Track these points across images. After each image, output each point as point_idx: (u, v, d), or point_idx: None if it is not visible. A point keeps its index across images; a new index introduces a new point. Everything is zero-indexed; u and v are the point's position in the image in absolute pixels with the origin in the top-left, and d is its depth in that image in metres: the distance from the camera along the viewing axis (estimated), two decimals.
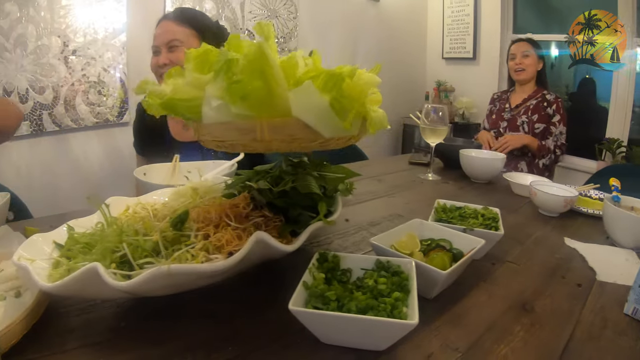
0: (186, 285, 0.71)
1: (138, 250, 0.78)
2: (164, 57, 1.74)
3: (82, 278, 0.69)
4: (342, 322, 0.62)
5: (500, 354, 0.68)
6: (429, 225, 1.00)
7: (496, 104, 3.12)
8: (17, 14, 2.83)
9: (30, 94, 2.92)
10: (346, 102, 0.70)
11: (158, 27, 1.80)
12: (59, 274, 0.76)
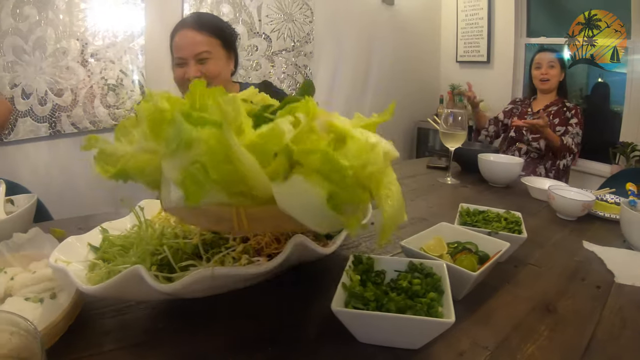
0: (226, 287, 0.74)
1: (178, 253, 0.81)
2: (193, 69, 1.71)
3: (125, 280, 0.71)
4: (382, 321, 0.66)
5: (527, 352, 0.72)
6: (455, 228, 1.04)
7: (518, 107, 3.17)
8: (36, 17, 2.89)
9: (49, 96, 2.97)
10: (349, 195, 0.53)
11: (179, 36, 1.76)
12: (99, 277, 0.80)
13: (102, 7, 3.14)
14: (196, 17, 1.89)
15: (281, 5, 3.86)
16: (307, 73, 4.11)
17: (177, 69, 1.76)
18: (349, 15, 4.33)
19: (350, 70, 4.46)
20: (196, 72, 1.71)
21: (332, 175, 0.51)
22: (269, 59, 3.90)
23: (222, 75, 1.79)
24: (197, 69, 1.71)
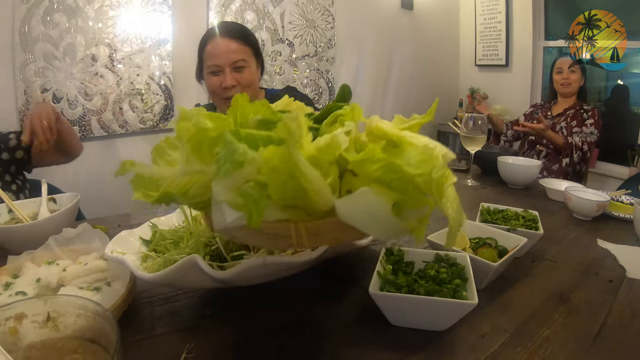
0: (273, 275, 0.80)
1: (229, 244, 0.90)
2: (230, 77, 1.72)
3: (182, 268, 0.79)
4: (414, 303, 0.75)
5: (543, 335, 0.80)
6: (476, 225, 1.13)
7: (538, 110, 3.24)
8: (66, 24, 3.02)
9: (79, 100, 3.10)
10: (414, 202, 0.54)
11: (213, 44, 1.76)
12: (155, 266, 0.89)
13: (130, 14, 3.26)
14: (227, 26, 1.90)
15: (303, 12, 3.95)
16: (329, 78, 4.19)
17: (212, 77, 1.77)
18: (369, 21, 4.39)
19: (371, 75, 4.52)
20: (232, 81, 1.72)
21: (395, 184, 0.51)
22: (292, 64, 3.99)
23: (254, 85, 1.83)
24: (233, 77, 1.73)
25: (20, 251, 1.06)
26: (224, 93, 1.75)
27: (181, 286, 0.96)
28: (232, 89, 1.73)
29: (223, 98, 1.77)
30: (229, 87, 1.73)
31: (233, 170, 0.47)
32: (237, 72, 1.75)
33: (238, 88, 1.73)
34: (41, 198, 1.50)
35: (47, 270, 0.98)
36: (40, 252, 1.07)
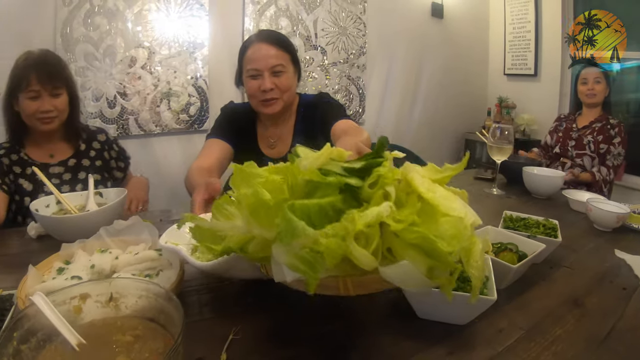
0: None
1: None
2: (269, 81, 1.78)
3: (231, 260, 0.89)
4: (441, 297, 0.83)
5: (555, 334, 0.89)
6: (499, 231, 1.21)
7: (563, 123, 3.25)
8: (107, 27, 3.16)
9: (118, 99, 3.24)
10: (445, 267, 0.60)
11: (253, 49, 1.82)
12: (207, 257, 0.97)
13: (169, 18, 3.39)
14: (268, 33, 1.97)
15: (336, 20, 4.04)
16: (359, 85, 4.26)
17: (251, 81, 1.82)
18: (399, 29, 4.44)
19: (401, 82, 4.57)
20: (271, 85, 1.78)
21: (431, 253, 0.57)
22: (325, 70, 4.07)
23: (292, 89, 1.90)
24: (272, 81, 1.79)
25: (68, 240, 1.16)
26: (262, 96, 1.81)
27: (229, 276, 1.06)
28: (270, 92, 1.80)
29: (261, 101, 1.83)
30: (267, 90, 1.79)
31: (292, 240, 0.55)
32: (275, 76, 1.81)
33: (276, 92, 1.81)
34: (88, 192, 1.62)
35: (100, 257, 1.09)
36: (92, 241, 1.18)
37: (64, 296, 0.79)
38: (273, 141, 2.00)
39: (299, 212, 0.56)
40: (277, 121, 1.98)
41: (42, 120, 1.79)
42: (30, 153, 1.89)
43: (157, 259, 1.09)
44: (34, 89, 1.75)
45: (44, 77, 1.77)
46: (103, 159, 2.05)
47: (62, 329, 0.72)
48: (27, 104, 1.76)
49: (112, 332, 0.77)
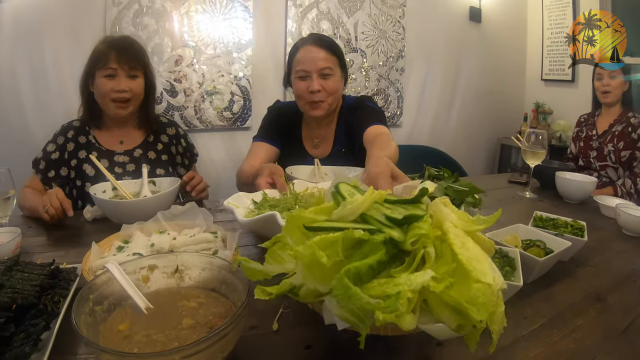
0: None
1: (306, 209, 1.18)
2: (316, 83, 1.88)
3: (264, 219, 1.14)
4: None
5: (577, 324, 0.97)
6: (528, 229, 1.30)
7: (583, 129, 3.11)
8: (155, 27, 3.32)
9: (164, 96, 3.41)
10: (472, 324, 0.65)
11: (303, 51, 1.93)
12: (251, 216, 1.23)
13: (214, 20, 3.53)
14: (318, 36, 2.05)
15: (376, 23, 4.12)
16: (398, 87, 4.33)
17: (300, 82, 1.93)
18: (438, 33, 4.48)
19: (438, 86, 4.61)
20: (319, 86, 1.88)
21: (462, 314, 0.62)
22: (364, 73, 4.16)
23: (338, 93, 1.99)
24: (319, 83, 1.89)
25: (123, 223, 1.29)
26: (309, 97, 1.92)
27: (263, 234, 1.24)
28: (317, 93, 1.90)
29: (308, 102, 1.94)
30: (314, 91, 1.89)
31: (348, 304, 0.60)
32: (323, 78, 1.91)
33: (323, 94, 1.91)
34: (142, 180, 1.75)
35: (159, 237, 1.22)
36: (150, 224, 1.31)
37: (134, 266, 0.92)
38: (317, 141, 2.10)
39: (352, 273, 0.61)
40: (321, 123, 2.08)
41: (116, 101, 1.84)
42: (99, 137, 1.95)
43: (213, 241, 1.22)
44: (111, 66, 1.80)
45: (123, 56, 1.82)
46: (169, 153, 2.09)
47: (132, 294, 0.83)
48: (103, 82, 1.81)
49: (176, 299, 0.89)
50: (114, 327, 0.80)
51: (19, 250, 1.29)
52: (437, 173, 1.37)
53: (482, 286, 0.62)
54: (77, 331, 0.68)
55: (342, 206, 0.74)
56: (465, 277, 0.63)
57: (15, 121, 3.04)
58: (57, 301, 0.92)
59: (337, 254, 0.64)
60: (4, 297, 0.86)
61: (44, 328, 0.82)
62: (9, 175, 1.42)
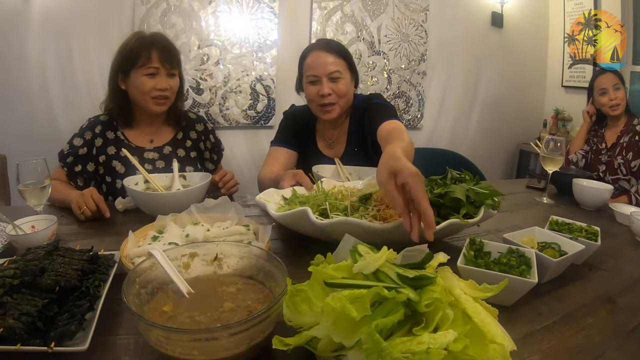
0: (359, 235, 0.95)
1: (334, 208, 1.30)
2: (326, 87, 1.94)
3: (296, 214, 1.23)
4: (488, 277, 1.00)
5: (587, 322, 1.03)
6: (544, 231, 1.36)
7: (590, 142, 3.08)
8: (182, 25, 3.44)
9: (190, 94, 3.51)
10: None
11: (312, 57, 2.00)
12: (282, 211, 1.32)
13: (241, 19, 3.64)
14: (326, 41, 2.15)
15: (398, 27, 4.19)
16: (419, 91, 4.40)
17: (310, 87, 2.00)
18: (459, 37, 4.54)
19: (459, 90, 4.66)
20: (329, 90, 1.95)
21: None
22: (386, 75, 4.23)
23: (348, 95, 2.05)
24: (329, 87, 1.95)
25: (154, 214, 1.36)
26: (320, 100, 1.98)
27: (295, 228, 1.35)
28: (328, 97, 1.96)
29: (319, 105, 2.01)
30: (325, 94, 1.95)
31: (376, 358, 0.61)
32: (332, 82, 1.97)
33: (333, 97, 1.98)
34: (172, 174, 1.82)
35: (193, 229, 1.30)
36: (183, 215, 1.38)
37: (176, 253, 1.00)
38: (331, 141, 2.18)
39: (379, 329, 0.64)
40: (334, 124, 2.16)
41: (157, 99, 1.88)
42: (128, 134, 2.00)
43: (245, 233, 1.28)
44: (154, 65, 1.84)
45: (164, 55, 1.86)
46: (198, 149, 2.14)
47: (175, 279, 0.91)
48: (144, 80, 1.84)
49: (216, 285, 0.96)
50: (157, 308, 0.87)
51: (55, 237, 1.35)
52: (458, 175, 1.44)
53: (497, 347, 0.67)
54: (129, 309, 0.75)
55: (362, 259, 0.78)
56: (481, 338, 0.69)
57: (43, 119, 3.18)
58: (98, 285, 0.98)
59: (365, 309, 0.66)
60: (48, 279, 0.92)
61: (88, 309, 0.88)
62: (45, 164, 1.48)
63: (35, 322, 0.82)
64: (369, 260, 0.77)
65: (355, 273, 0.78)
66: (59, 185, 1.83)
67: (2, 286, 0.89)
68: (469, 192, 1.29)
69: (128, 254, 1.15)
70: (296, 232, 1.42)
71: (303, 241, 1.42)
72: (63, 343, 0.80)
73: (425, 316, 0.70)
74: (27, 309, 0.83)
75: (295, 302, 0.77)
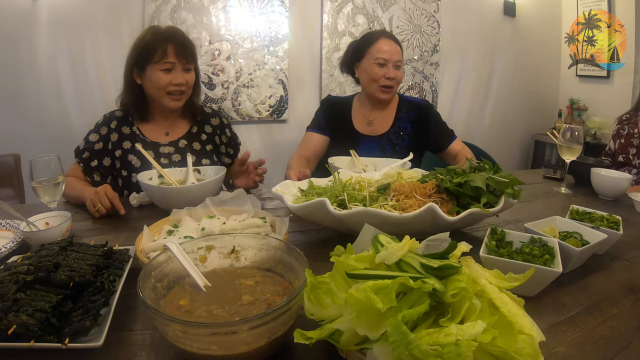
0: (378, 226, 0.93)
1: (352, 198, 1.29)
2: (392, 71, 2.21)
3: (315, 205, 1.21)
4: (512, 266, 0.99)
5: (612, 312, 1.01)
6: (565, 221, 1.34)
7: (625, 127, 3.03)
8: (192, 21, 3.43)
9: (202, 89, 3.47)
10: None
11: (383, 42, 2.24)
12: (299, 202, 1.29)
13: (251, 14, 3.62)
14: (389, 33, 2.42)
15: (410, 17, 4.15)
16: (432, 82, 4.36)
17: (377, 68, 2.23)
18: (472, 27, 4.49)
19: (472, 81, 4.62)
20: (393, 74, 2.21)
21: None
22: None
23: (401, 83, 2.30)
24: (394, 72, 2.21)
25: (169, 209, 1.36)
26: (384, 82, 2.22)
27: (312, 219, 1.34)
28: (392, 80, 2.22)
29: (381, 86, 2.24)
30: (391, 78, 2.22)
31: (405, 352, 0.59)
32: (396, 69, 2.24)
33: (394, 82, 2.25)
34: (187, 168, 1.81)
35: (209, 222, 1.29)
36: (199, 209, 1.38)
37: (192, 246, 0.99)
38: (371, 119, 2.36)
39: (406, 320, 0.62)
40: (379, 105, 2.37)
41: (173, 94, 1.88)
42: (143, 129, 2.00)
43: (262, 226, 1.28)
44: (170, 60, 1.83)
45: (180, 50, 1.85)
46: (214, 143, 2.13)
47: (192, 272, 0.90)
48: (159, 75, 1.84)
49: (233, 277, 0.96)
50: (174, 302, 0.86)
51: (69, 234, 1.35)
52: (478, 164, 1.42)
53: (526, 337, 0.65)
54: (146, 303, 0.74)
55: (385, 249, 0.77)
56: (509, 329, 0.67)
57: (56, 120, 3.19)
58: (113, 280, 0.98)
59: (391, 300, 0.64)
60: (62, 275, 0.92)
61: (103, 304, 0.87)
62: (58, 161, 1.48)
63: (49, 318, 0.81)
64: (392, 250, 0.76)
65: (377, 263, 0.77)
66: (75, 182, 1.84)
67: (16, 282, 0.89)
68: (489, 181, 1.28)
69: (143, 248, 1.15)
70: (313, 225, 1.42)
71: (321, 234, 1.41)
72: (77, 339, 0.80)
73: (452, 307, 0.69)
74: (41, 305, 0.83)
75: (317, 295, 0.76)
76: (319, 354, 0.83)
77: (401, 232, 0.87)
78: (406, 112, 2.38)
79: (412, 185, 1.34)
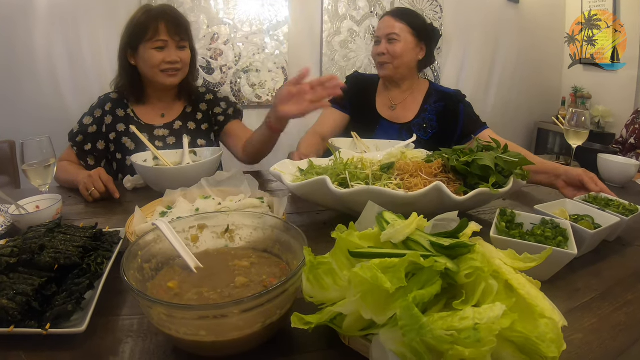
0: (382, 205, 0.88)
1: (354, 177, 1.23)
2: (383, 47, 2.11)
3: (315, 184, 1.16)
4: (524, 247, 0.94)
5: (627, 298, 0.97)
6: (575, 203, 1.29)
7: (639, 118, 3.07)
8: (190, 4, 3.37)
9: (200, 73, 3.44)
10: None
11: (381, 21, 2.17)
12: (298, 181, 1.23)
13: None
14: (397, 8, 2.39)
15: (413, 1, 4.08)
16: (435, 67, 4.30)
17: (374, 47, 2.20)
18: (475, 13, 4.43)
19: (476, 67, 4.56)
20: (384, 49, 2.11)
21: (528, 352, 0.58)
22: None
23: (404, 58, 2.13)
24: (385, 47, 2.10)
25: (163, 191, 1.31)
26: (377, 59, 2.18)
27: (312, 199, 1.29)
28: (382, 55, 2.13)
29: (378, 63, 2.20)
30: (379, 53, 2.14)
31: (417, 338, 0.53)
32: (389, 43, 2.11)
33: (387, 56, 2.13)
34: (183, 150, 1.77)
35: (204, 202, 1.24)
36: (193, 190, 1.33)
37: (183, 225, 0.93)
38: (394, 104, 2.25)
39: (417, 302, 0.57)
40: (402, 86, 2.24)
41: (167, 72, 1.83)
42: (138, 112, 1.96)
43: (259, 206, 1.23)
44: (161, 38, 1.78)
45: (172, 27, 1.80)
46: (210, 121, 2.08)
47: (182, 252, 0.85)
48: (152, 54, 1.80)
49: (227, 259, 0.90)
50: (162, 284, 0.81)
51: (60, 217, 1.31)
52: (486, 143, 1.36)
53: (549, 322, 0.60)
54: (128, 284, 0.68)
55: (391, 227, 0.71)
56: (529, 312, 0.61)
57: (52, 104, 3.17)
58: (101, 262, 0.93)
59: (400, 280, 0.58)
60: (46, 257, 0.88)
61: (87, 287, 0.83)
62: (49, 143, 1.44)
63: (30, 302, 0.77)
64: (398, 227, 0.70)
65: (383, 242, 0.71)
66: (68, 166, 1.81)
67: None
68: (498, 160, 1.22)
69: (134, 230, 1.10)
70: (314, 206, 1.37)
71: (322, 215, 1.36)
72: (59, 324, 0.76)
73: (465, 288, 0.63)
74: (23, 288, 0.79)
75: (317, 275, 0.70)
76: (318, 341, 0.77)
77: (405, 213, 0.80)
78: (434, 102, 2.25)
79: (417, 164, 1.29)
